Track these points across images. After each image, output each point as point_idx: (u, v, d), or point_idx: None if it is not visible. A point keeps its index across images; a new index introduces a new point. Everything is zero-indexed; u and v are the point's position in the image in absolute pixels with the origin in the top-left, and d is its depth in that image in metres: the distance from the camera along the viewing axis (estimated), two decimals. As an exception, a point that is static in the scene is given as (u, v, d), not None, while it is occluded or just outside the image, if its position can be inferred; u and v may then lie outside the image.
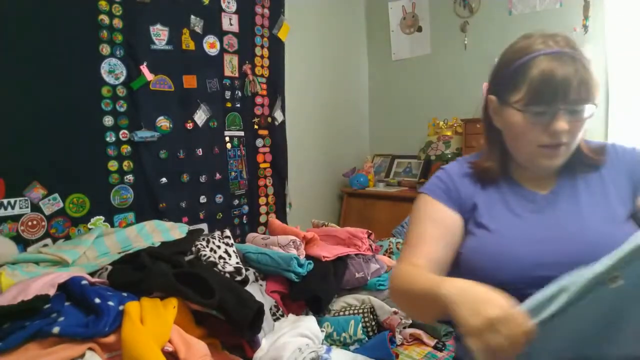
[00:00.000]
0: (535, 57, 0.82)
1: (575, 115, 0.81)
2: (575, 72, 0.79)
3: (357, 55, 3.48)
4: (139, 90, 2.00)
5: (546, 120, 0.82)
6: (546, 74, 0.80)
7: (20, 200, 1.68)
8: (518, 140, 0.87)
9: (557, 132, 0.81)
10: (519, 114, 0.84)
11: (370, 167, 3.24)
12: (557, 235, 0.83)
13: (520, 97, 0.84)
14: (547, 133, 0.82)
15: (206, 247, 1.69)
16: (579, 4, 2.54)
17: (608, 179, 0.90)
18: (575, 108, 0.81)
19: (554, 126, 0.81)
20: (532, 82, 0.81)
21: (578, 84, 0.79)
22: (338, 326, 1.68)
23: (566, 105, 0.80)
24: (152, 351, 1.11)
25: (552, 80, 0.79)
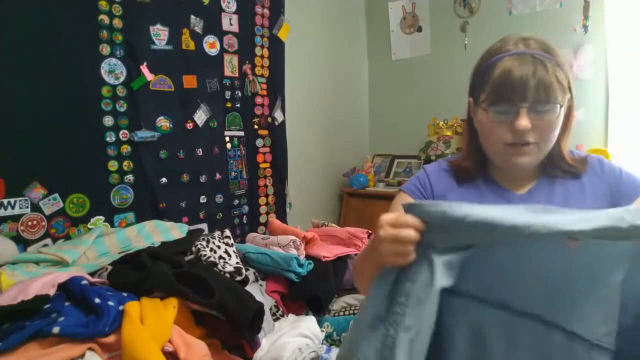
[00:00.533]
0: (499, 58, 0.86)
1: (539, 114, 0.84)
2: (533, 72, 0.82)
3: (357, 55, 3.48)
4: (139, 90, 2.00)
5: (509, 118, 0.85)
6: (504, 74, 0.84)
7: (20, 200, 1.68)
8: (487, 139, 0.90)
9: (519, 130, 0.83)
10: (485, 113, 0.88)
11: (370, 167, 3.24)
12: None
13: (485, 96, 0.88)
14: (511, 132, 0.85)
15: (206, 247, 1.69)
16: (579, 4, 2.54)
17: (587, 188, 0.91)
18: (537, 107, 0.83)
19: (515, 124, 0.83)
20: (493, 81, 0.86)
21: (536, 84, 0.82)
22: (338, 326, 1.68)
23: (526, 104, 0.83)
24: (152, 351, 1.11)
25: (509, 80, 0.83)
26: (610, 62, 2.44)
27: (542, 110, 0.83)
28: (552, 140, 0.87)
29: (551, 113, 0.84)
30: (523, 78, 0.82)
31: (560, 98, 0.84)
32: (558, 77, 0.84)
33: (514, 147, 0.86)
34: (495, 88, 0.85)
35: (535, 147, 0.86)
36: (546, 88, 0.82)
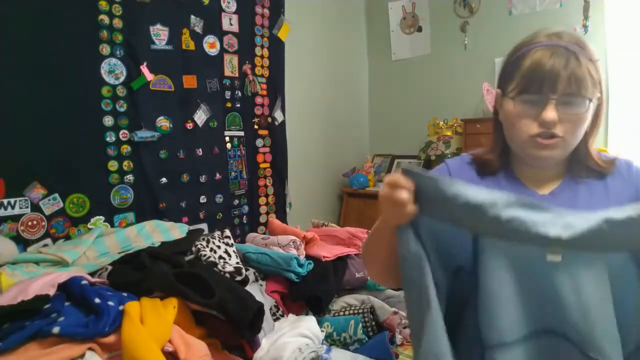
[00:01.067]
0: (531, 49, 0.85)
1: (568, 107, 0.82)
2: (565, 64, 0.81)
3: (357, 55, 3.48)
4: (139, 90, 2.00)
5: (537, 109, 0.83)
6: (535, 64, 0.82)
7: (20, 200, 1.68)
8: (513, 129, 0.88)
9: (545, 122, 0.82)
10: (512, 103, 0.86)
11: (370, 167, 3.24)
12: None
13: (513, 86, 0.86)
14: (537, 122, 0.83)
15: (206, 247, 1.69)
16: (579, 4, 2.54)
17: (612, 190, 0.89)
18: (566, 100, 0.81)
19: (543, 115, 0.82)
20: (523, 71, 0.84)
21: (568, 76, 0.80)
22: (338, 326, 1.68)
23: (555, 95, 0.81)
24: (152, 351, 1.11)
25: (541, 70, 0.82)
26: (610, 62, 2.44)
27: (571, 103, 0.82)
28: (579, 135, 0.85)
29: (580, 107, 0.82)
30: (554, 69, 0.81)
31: (591, 92, 0.83)
32: (590, 71, 0.82)
33: (539, 139, 0.84)
34: (525, 78, 0.84)
35: (561, 140, 0.83)
36: (578, 81, 0.81)
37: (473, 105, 2.92)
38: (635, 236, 0.63)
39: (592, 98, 0.83)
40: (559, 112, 0.82)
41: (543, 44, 0.84)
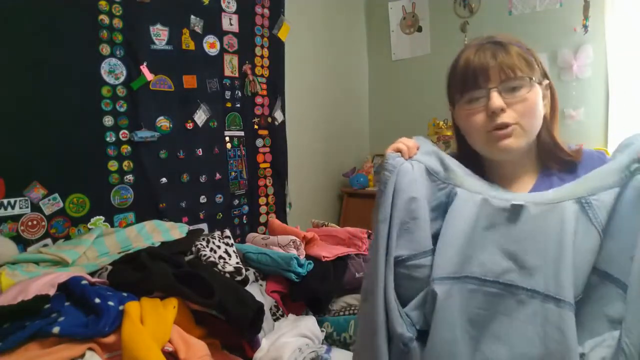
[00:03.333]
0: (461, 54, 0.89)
1: (511, 92, 0.83)
2: (492, 55, 0.84)
3: (357, 55, 3.48)
4: (139, 90, 1.99)
5: (482, 103, 0.85)
6: (465, 63, 0.87)
7: (20, 200, 1.68)
8: (471, 133, 0.90)
9: (493, 111, 0.83)
10: (461, 107, 0.89)
11: (370, 167, 3.24)
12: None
13: (455, 91, 0.90)
14: (487, 116, 0.85)
15: (206, 247, 1.69)
16: (579, 4, 2.54)
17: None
18: (506, 85, 0.83)
19: (489, 105, 0.83)
20: (457, 74, 0.88)
21: (498, 64, 0.83)
22: (338, 326, 1.68)
23: (493, 84, 0.83)
24: (152, 351, 1.11)
25: (471, 66, 0.85)
26: (610, 62, 2.44)
27: (512, 87, 0.83)
28: (534, 117, 0.85)
29: (523, 89, 0.83)
30: (482, 62, 0.84)
31: (529, 73, 0.84)
32: (523, 56, 0.85)
33: (496, 132, 0.84)
34: (460, 78, 0.88)
35: (517, 127, 0.84)
36: (509, 66, 0.83)
37: (473, 105, 2.92)
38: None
39: (533, 78, 0.84)
40: (505, 98, 0.83)
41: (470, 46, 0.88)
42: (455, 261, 0.77)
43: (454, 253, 0.78)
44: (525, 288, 0.73)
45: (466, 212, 0.80)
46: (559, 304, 0.69)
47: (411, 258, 0.81)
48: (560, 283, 0.70)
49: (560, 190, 0.76)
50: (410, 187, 0.82)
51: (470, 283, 0.76)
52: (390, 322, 0.78)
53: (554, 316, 0.69)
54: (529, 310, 0.72)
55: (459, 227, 0.79)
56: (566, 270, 0.70)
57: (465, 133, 0.92)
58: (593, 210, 0.72)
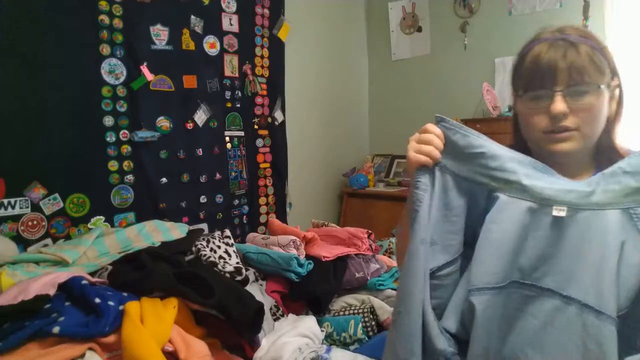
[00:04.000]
0: (532, 46, 0.84)
1: (577, 97, 0.80)
2: (563, 55, 0.80)
3: (357, 55, 3.48)
4: (139, 90, 2.00)
5: (545, 104, 0.82)
6: (534, 60, 0.82)
7: (20, 200, 1.68)
8: (527, 128, 0.87)
9: (554, 115, 0.80)
10: (522, 102, 0.86)
11: (370, 167, 3.24)
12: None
13: (520, 85, 0.86)
14: (548, 117, 0.82)
15: (206, 247, 1.69)
16: (579, 4, 2.54)
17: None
18: (573, 90, 0.80)
19: (551, 108, 0.81)
20: (525, 69, 0.84)
21: (567, 66, 0.79)
22: (338, 326, 1.68)
23: (559, 87, 0.80)
24: (152, 351, 1.11)
25: (539, 65, 0.81)
26: (610, 62, 2.44)
27: (578, 92, 0.80)
28: (595, 125, 0.83)
29: (589, 95, 0.80)
30: (551, 62, 0.80)
31: (598, 79, 0.81)
32: (593, 59, 0.81)
33: (552, 134, 0.82)
34: (527, 74, 0.84)
35: (576, 133, 0.81)
36: (579, 70, 0.79)
37: (473, 105, 2.92)
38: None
39: (601, 84, 0.81)
40: (569, 103, 0.80)
41: (542, 39, 0.83)
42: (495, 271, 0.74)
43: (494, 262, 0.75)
44: (561, 294, 0.70)
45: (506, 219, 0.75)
46: (599, 316, 0.66)
47: (442, 268, 0.79)
48: (601, 294, 0.67)
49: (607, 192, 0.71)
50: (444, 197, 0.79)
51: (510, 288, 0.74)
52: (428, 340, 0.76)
53: (593, 328, 0.66)
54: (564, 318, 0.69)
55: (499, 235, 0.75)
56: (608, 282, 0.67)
57: (523, 127, 0.89)
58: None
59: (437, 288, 0.79)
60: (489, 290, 0.74)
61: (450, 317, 0.78)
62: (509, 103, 2.76)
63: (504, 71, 2.83)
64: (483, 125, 2.67)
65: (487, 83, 2.76)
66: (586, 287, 0.68)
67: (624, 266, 0.68)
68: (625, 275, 0.67)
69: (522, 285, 0.73)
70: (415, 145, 0.83)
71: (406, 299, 0.78)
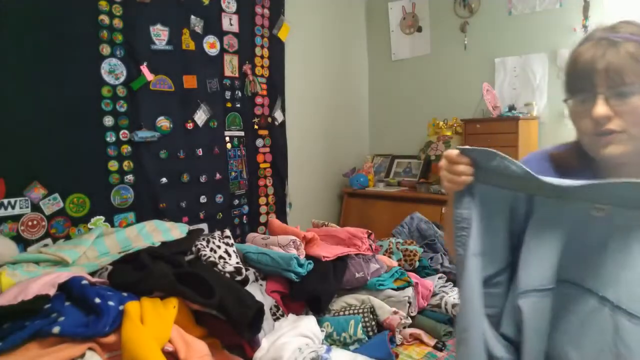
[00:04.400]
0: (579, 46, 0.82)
1: (621, 99, 0.77)
2: (602, 55, 0.77)
3: (357, 55, 3.48)
4: (139, 90, 2.00)
5: (588, 107, 0.79)
6: (574, 62, 0.81)
7: (20, 200, 1.68)
8: (578, 132, 0.85)
9: (597, 118, 0.78)
10: (569, 106, 0.85)
11: (370, 167, 3.24)
12: None
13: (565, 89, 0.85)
14: (592, 121, 0.79)
15: (206, 247, 1.69)
16: (579, 4, 2.54)
17: None
18: (616, 92, 0.77)
19: (592, 112, 0.78)
20: (567, 72, 0.83)
21: (605, 68, 0.76)
22: (338, 326, 1.68)
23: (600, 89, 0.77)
24: (152, 351, 1.11)
25: (578, 67, 0.80)
26: (610, 62, 2.44)
27: (621, 93, 0.77)
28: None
29: (634, 96, 0.76)
30: (588, 63, 0.78)
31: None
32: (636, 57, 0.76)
33: (600, 137, 0.79)
34: (569, 78, 0.83)
35: (623, 135, 0.78)
36: (617, 70, 0.76)
37: (473, 105, 2.92)
38: None
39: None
40: (612, 105, 0.77)
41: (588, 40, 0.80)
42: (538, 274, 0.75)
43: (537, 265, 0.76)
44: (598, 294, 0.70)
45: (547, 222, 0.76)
46: (631, 319, 0.66)
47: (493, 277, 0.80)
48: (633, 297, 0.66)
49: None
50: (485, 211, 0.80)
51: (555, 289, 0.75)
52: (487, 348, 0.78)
53: (624, 331, 0.66)
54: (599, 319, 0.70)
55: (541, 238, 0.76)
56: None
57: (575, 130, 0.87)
58: None
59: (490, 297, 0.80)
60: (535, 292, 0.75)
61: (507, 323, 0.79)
62: (508, 103, 2.76)
63: (504, 71, 2.83)
64: (483, 125, 2.67)
65: (487, 83, 2.76)
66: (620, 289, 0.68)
67: None
68: None
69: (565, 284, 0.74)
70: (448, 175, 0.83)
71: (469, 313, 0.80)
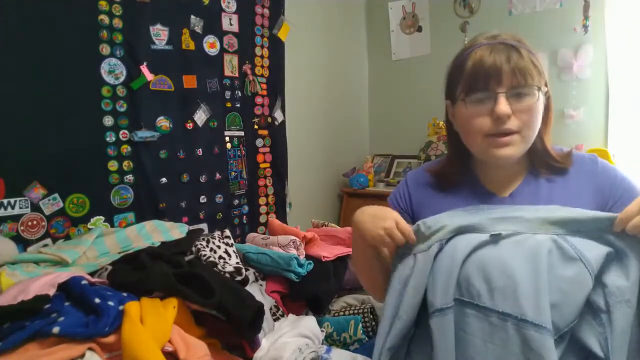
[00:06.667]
0: (470, 51, 0.86)
1: (519, 99, 0.82)
2: (507, 58, 0.82)
3: (357, 55, 3.48)
4: (139, 90, 1.99)
5: (488, 106, 0.83)
6: (477, 63, 0.84)
7: (20, 200, 1.68)
8: (469, 133, 0.88)
9: (499, 117, 0.82)
10: (463, 106, 0.87)
11: (370, 167, 3.24)
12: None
13: (461, 89, 0.87)
14: (491, 119, 0.83)
15: (206, 247, 1.69)
16: (579, 4, 2.54)
17: (573, 186, 0.89)
18: (516, 92, 0.82)
19: (495, 109, 0.82)
20: (467, 73, 0.85)
21: (512, 68, 0.81)
22: (338, 326, 1.68)
23: (503, 89, 0.82)
24: (152, 351, 1.11)
25: (483, 67, 0.83)
26: (610, 62, 2.44)
27: (521, 94, 0.82)
28: (535, 128, 0.85)
29: (531, 97, 0.82)
30: (497, 64, 0.82)
31: (538, 81, 0.83)
32: (534, 62, 0.83)
33: (496, 137, 0.84)
34: (470, 78, 0.85)
35: (518, 136, 0.84)
36: (522, 71, 0.81)
37: (473, 105, 2.92)
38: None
39: (540, 87, 0.83)
40: (511, 104, 0.82)
41: (481, 44, 0.85)
42: (439, 294, 0.76)
43: (438, 286, 0.77)
44: (497, 311, 0.71)
45: (450, 248, 0.80)
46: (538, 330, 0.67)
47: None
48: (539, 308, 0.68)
49: (537, 219, 0.76)
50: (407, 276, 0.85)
51: (454, 307, 0.76)
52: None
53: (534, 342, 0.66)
54: (503, 334, 0.70)
55: (444, 262, 0.79)
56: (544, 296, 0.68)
57: (463, 133, 0.91)
58: (571, 245, 0.72)
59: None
60: (437, 312, 0.75)
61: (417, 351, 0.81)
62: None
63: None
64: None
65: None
66: (523, 302, 0.69)
67: (559, 280, 0.69)
68: (563, 290, 0.69)
69: (462, 303, 0.75)
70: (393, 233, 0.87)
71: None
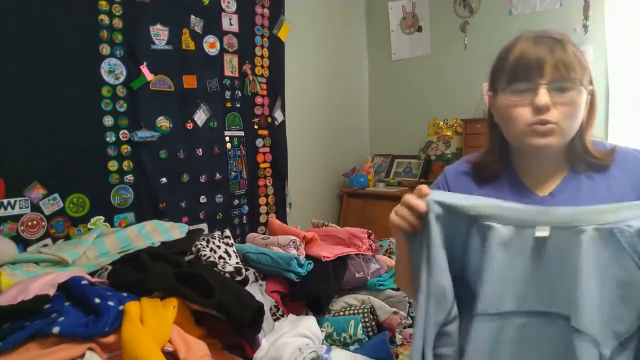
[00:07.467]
0: (515, 43, 0.87)
1: (560, 92, 0.82)
2: (550, 51, 0.82)
3: (357, 55, 3.48)
4: (139, 90, 2.00)
5: (529, 97, 0.83)
6: (521, 54, 0.84)
7: (20, 200, 1.68)
8: (509, 122, 0.88)
9: (539, 107, 0.82)
10: (505, 96, 0.87)
11: (370, 167, 3.24)
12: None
13: (503, 80, 0.87)
14: (532, 110, 0.83)
15: (206, 247, 1.69)
16: (579, 4, 2.54)
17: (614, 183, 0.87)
18: (558, 85, 0.82)
19: (535, 100, 0.82)
20: (510, 64, 0.86)
21: (555, 61, 0.81)
22: (338, 326, 1.68)
23: (545, 80, 0.82)
24: (152, 351, 1.11)
25: (527, 59, 0.83)
26: (610, 62, 2.44)
27: (563, 87, 0.82)
28: (574, 122, 0.85)
29: (573, 91, 0.82)
30: (540, 56, 0.82)
31: (581, 76, 0.83)
32: (578, 57, 0.83)
33: (536, 127, 0.83)
34: (512, 68, 0.85)
35: (557, 128, 0.83)
36: (565, 65, 0.81)
37: (473, 105, 2.92)
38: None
39: (584, 81, 0.83)
40: (552, 97, 0.82)
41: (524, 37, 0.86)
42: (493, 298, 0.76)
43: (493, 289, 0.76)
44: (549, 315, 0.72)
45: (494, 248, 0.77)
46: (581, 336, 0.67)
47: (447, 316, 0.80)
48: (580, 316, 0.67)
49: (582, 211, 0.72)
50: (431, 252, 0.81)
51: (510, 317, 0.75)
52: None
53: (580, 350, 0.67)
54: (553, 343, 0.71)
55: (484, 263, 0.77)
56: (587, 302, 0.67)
57: (503, 122, 0.90)
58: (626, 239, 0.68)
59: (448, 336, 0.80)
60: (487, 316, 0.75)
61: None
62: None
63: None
64: (483, 125, 2.67)
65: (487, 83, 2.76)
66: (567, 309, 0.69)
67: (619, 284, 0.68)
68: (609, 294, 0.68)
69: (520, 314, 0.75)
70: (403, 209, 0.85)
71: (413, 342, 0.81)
